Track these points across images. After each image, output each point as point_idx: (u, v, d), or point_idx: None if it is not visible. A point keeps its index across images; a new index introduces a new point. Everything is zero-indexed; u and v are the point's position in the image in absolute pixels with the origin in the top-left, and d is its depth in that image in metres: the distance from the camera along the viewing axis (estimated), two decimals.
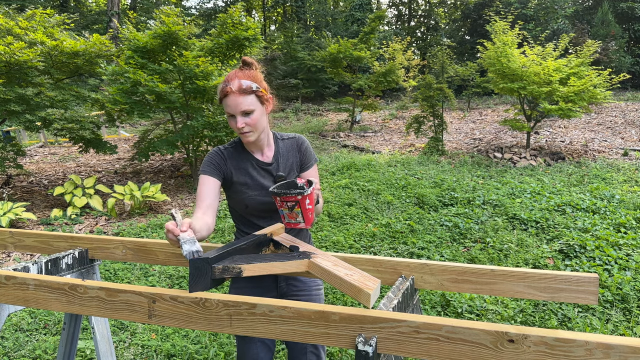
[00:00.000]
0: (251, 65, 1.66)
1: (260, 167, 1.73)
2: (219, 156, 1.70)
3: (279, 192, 1.47)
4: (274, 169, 1.73)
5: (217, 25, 7.23)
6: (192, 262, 1.25)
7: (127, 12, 22.68)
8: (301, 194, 1.44)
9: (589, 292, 1.39)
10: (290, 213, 1.48)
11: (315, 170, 1.82)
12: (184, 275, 4.02)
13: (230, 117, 1.62)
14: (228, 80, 1.60)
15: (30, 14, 6.71)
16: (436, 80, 9.75)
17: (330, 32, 22.72)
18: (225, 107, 1.62)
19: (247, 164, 1.72)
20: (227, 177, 1.71)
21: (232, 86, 1.57)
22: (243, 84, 1.58)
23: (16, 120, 6.42)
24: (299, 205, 1.46)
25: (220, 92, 1.61)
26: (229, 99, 1.58)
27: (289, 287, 1.80)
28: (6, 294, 1.37)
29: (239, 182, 1.71)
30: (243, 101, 1.58)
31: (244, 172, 1.71)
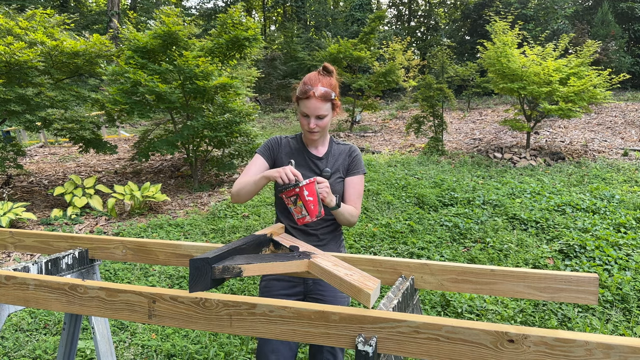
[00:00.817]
0: (331, 73, 1.80)
1: (310, 158, 1.87)
2: (276, 142, 1.88)
3: (281, 188, 1.59)
4: (323, 164, 1.87)
5: (217, 25, 7.23)
6: (192, 262, 1.25)
7: (127, 12, 22.69)
8: (297, 185, 1.54)
9: (589, 292, 1.38)
10: (296, 207, 1.59)
11: (360, 180, 1.91)
12: (184, 275, 4.02)
13: (305, 116, 1.77)
14: (311, 83, 1.73)
15: (30, 14, 6.71)
16: (436, 80, 9.75)
17: (330, 32, 22.72)
18: (302, 107, 1.76)
19: (299, 153, 1.87)
20: (277, 161, 1.86)
21: (315, 91, 1.71)
22: (325, 91, 1.73)
23: (16, 120, 6.42)
24: (300, 197, 1.55)
25: (301, 92, 1.74)
26: (310, 102, 1.72)
27: (315, 286, 1.87)
28: (6, 294, 1.37)
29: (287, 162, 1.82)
30: (321, 107, 1.73)
31: (295, 159, 1.84)
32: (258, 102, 18.89)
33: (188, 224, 5.32)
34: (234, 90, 6.91)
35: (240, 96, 7.31)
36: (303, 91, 1.73)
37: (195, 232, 5.10)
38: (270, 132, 13.07)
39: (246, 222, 5.31)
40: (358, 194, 1.89)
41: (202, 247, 1.72)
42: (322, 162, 1.86)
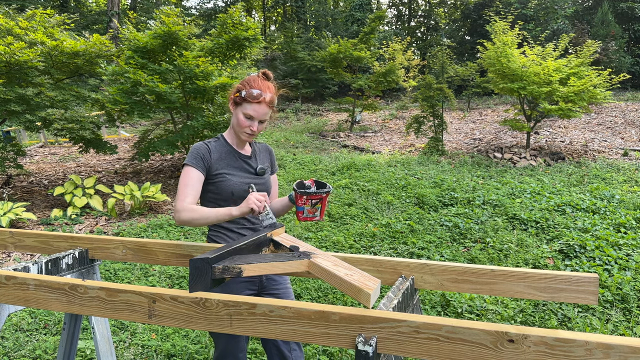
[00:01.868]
0: (270, 79, 1.87)
1: (241, 158, 1.90)
2: (205, 149, 1.82)
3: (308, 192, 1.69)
4: (253, 162, 1.93)
5: (217, 25, 7.23)
6: (192, 262, 1.25)
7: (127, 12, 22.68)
8: (328, 192, 1.72)
9: (589, 292, 1.39)
10: (311, 209, 1.72)
11: (276, 177, 2.09)
12: (184, 275, 4.02)
13: (249, 117, 1.80)
14: (261, 88, 1.78)
15: (30, 14, 6.71)
16: (436, 80, 9.75)
17: (330, 32, 22.72)
18: (249, 109, 1.78)
19: (230, 155, 1.88)
20: (211, 168, 1.82)
21: (265, 97, 1.78)
22: (273, 98, 1.81)
23: (16, 120, 6.42)
24: (322, 202, 1.72)
25: (251, 95, 1.76)
26: (260, 106, 1.77)
27: (269, 282, 1.94)
28: (6, 294, 1.37)
29: (224, 171, 1.83)
30: (267, 112, 1.81)
31: (228, 162, 1.86)
32: None
33: None
34: None
35: None
36: (254, 95, 1.75)
37: (195, 232, 5.10)
38: (270, 132, 13.07)
39: None
40: (277, 190, 2.07)
41: (202, 247, 1.72)
42: (252, 160, 1.92)
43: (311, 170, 7.86)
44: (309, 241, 4.68)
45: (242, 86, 1.81)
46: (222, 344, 1.84)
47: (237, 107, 1.83)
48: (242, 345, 1.87)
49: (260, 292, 1.92)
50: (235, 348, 1.85)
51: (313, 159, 8.73)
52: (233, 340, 1.83)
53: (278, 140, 11.65)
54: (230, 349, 1.84)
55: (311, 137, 12.44)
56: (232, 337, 1.83)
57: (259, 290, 1.91)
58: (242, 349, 1.87)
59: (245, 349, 1.90)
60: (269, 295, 1.93)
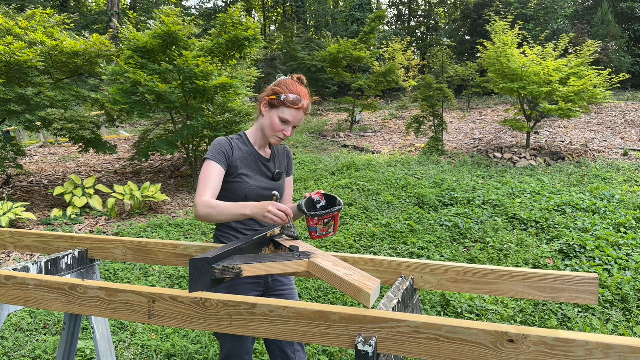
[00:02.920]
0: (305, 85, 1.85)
1: (261, 161, 1.87)
2: (228, 146, 1.79)
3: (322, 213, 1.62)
4: (272, 166, 1.90)
5: (217, 25, 7.23)
6: (192, 262, 1.25)
7: (127, 12, 22.68)
8: (340, 209, 1.64)
9: (589, 292, 1.39)
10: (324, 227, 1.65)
11: (292, 180, 2.05)
12: (184, 275, 4.02)
13: (284, 122, 1.76)
14: (301, 95, 1.77)
15: (30, 14, 6.70)
16: (436, 80, 9.75)
17: (330, 32, 22.72)
18: (287, 113, 1.75)
19: (251, 156, 1.84)
20: (232, 166, 1.78)
21: (304, 104, 1.77)
22: (309, 106, 1.80)
23: (16, 120, 6.42)
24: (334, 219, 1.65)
25: (290, 101, 1.74)
26: (298, 112, 1.76)
27: (274, 283, 1.91)
28: (6, 294, 1.37)
29: (243, 173, 1.79)
30: (302, 119, 1.80)
31: (248, 164, 1.82)
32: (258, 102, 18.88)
33: (188, 224, 5.32)
34: (234, 90, 6.91)
35: (240, 96, 7.31)
36: (294, 101, 1.73)
37: (195, 232, 5.10)
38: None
39: None
40: (291, 193, 2.04)
41: (202, 247, 1.72)
42: (271, 163, 1.89)
43: (311, 170, 7.86)
44: (309, 241, 4.68)
45: (279, 89, 1.76)
46: (228, 346, 1.82)
47: (272, 110, 1.77)
48: (248, 347, 1.85)
49: (266, 293, 1.90)
50: (241, 350, 1.83)
51: (313, 158, 8.73)
52: (239, 341, 1.81)
53: None
54: (236, 350, 1.82)
55: (311, 137, 12.44)
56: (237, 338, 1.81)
57: (265, 291, 1.90)
58: (248, 351, 1.85)
59: (251, 351, 1.88)
60: (274, 296, 1.91)
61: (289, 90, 1.75)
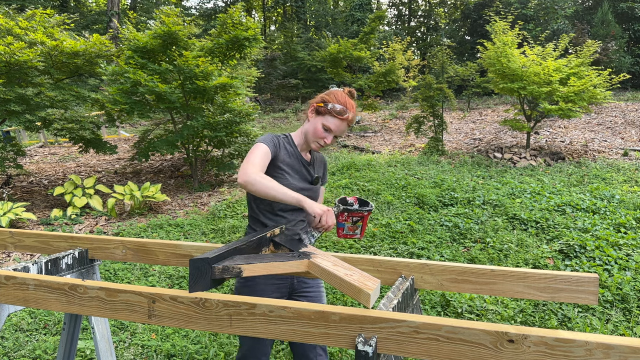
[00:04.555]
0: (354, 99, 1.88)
1: (303, 163, 1.92)
2: (277, 140, 1.87)
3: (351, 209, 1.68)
4: (312, 170, 1.95)
5: (217, 25, 7.23)
6: (192, 262, 1.25)
7: (127, 12, 22.69)
8: (370, 211, 1.69)
9: (589, 292, 1.38)
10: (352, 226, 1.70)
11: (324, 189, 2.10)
12: (184, 275, 4.02)
13: (327, 130, 1.81)
14: (347, 106, 1.81)
15: (30, 14, 6.70)
16: (436, 80, 9.75)
17: (330, 32, 22.73)
18: (331, 122, 1.80)
19: (294, 157, 1.90)
20: (277, 157, 1.83)
21: (350, 116, 1.81)
22: (354, 118, 1.83)
23: (16, 120, 6.42)
24: (363, 220, 1.69)
25: (336, 111, 1.78)
26: (342, 123, 1.80)
27: (300, 284, 1.92)
28: (6, 294, 1.37)
29: (285, 166, 1.84)
30: (345, 130, 1.85)
31: (291, 163, 1.88)
32: (258, 102, 18.89)
33: (188, 224, 5.32)
34: (234, 90, 6.91)
35: (240, 96, 7.31)
36: (339, 111, 1.78)
37: (195, 232, 5.10)
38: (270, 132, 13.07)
39: (246, 222, 5.31)
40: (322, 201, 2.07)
41: (202, 247, 1.72)
42: (311, 168, 1.93)
43: None
44: None
45: (328, 98, 1.82)
46: (247, 345, 1.84)
47: (317, 117, 1.82)
48: (267, 349, 1.86)
49: (292, 294, 1.90)
50: (259, 351, 1.84)
51: None
52: (258, 342, 1.82)
53: None
54: (254, 351, 1.83)
55: None
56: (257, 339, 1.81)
57: (290, 292, 1.89)
58: (266, 352, 1.86)
59: (269, 353, 1.88)
60: (300, 298, 1.91)
61: (337, 100, 1.80)
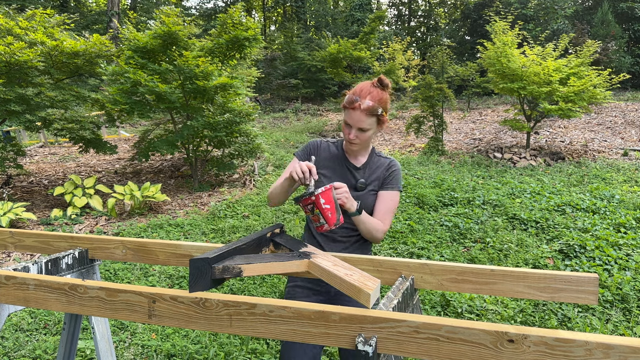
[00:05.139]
0: (386, 87, 1.72)
1: (348, 167, 1.84)
2: (314, 146, 1.87)
3: (297, 197, 1.57)
4: (360, 174, 1.83)
5: (217, 25, 7.23)
6: (192, 262, 1.25)
7: (127, 12, 22.69)
8: (312, 193, 1.50)
9: (589, 292, 1.38)
10: (314, 215, 1.54)
11: (392, 195, 1.83)
12: (184, 275, 4.02)
13: (347, 124, 1.73)
14: (360, 94, 1.67)
15: (30, 14, 6.70)
16: (436, 80, 9.76)
17: (330, 32, 22.74)
18: (346, 116, 1.72)
19: (337, 160, 1.85)
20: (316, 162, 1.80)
21: (361, 103, 1.66)
22: (371, 105, 1.66)
23: (16, 120, 6.42)
24: (316, 206, 1.51)
25: (347, 101, 1.69)
26: (355, 113, 1.68)
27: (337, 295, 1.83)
28: (6, 294, 1.37)
29: (323, 172, 1.81)
30: (365, 120, 1.68)
31: (332, 166, 1.83)
32: (258, 102, 18.90)
33: (188, 224, 5.32)
34: (234, 90, 6.91)
35: (240, 96, 7.31)
36: (350, 100, 1.68)
37: (195, 232, 5.10)
38: (270, 132, 13.07)
39: (246, 222, 5.30)
40: (388, 209, 1.81)
41: (202, 247, 1.72)
42: (359, 172, 1.82)
43: None
44: None
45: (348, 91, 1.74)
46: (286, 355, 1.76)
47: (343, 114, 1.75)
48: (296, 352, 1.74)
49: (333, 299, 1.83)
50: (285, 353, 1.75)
51: None
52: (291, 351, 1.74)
53: (278, 140, 11.65)
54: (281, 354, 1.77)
55: (311, 137, 12.43)
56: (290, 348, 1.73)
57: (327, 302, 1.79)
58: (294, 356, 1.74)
59: None
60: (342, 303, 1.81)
61: (353, 91, 1.71)
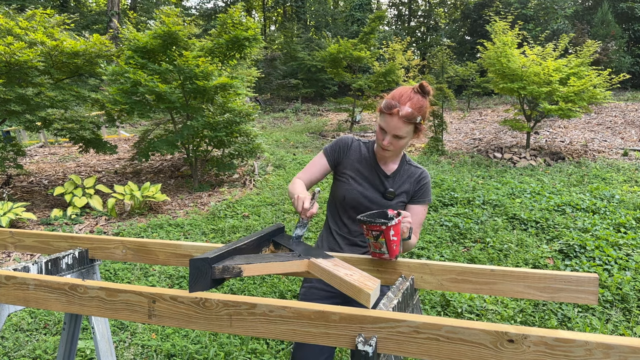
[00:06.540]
0: (427, 94, 1.65)
1: (378, 172, 1.77)
2: (345, 144, 1.80)
3: (365, 219, 1.45)
4: (389, 183, 1.76)
5: (217, 25, 7.23)
6: (192, 262, 1.25)
7: (127, 12, 22.69)
8: (385, 224, 1.41)
9: (588, 292, 1.39)
10: (375, 242, 1.46)
11: (424, 209, 1.79)
12: (184, 275, 4.02)
13: (382, 130, 1.66)
14: (400, 100, 1.60)
15: (30, 14, 6.70)
16: (436, 80, 9.76)
17: (330, 32, 22.73)
18: (382, 121, 1.65)
19: (367, 163, 1.78)
20: (339, 164, 1.79)
21: (400, 110, 1.59)
22: (410, 112, 1.59)
23: (16, 120, 6.41)
24: (384, 235, 1.43)
25: (386, 106, 1.62)
26: (392, 119, 1.60)
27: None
28: (6, 294, 1.37)
29: (350, 175, 1.77)
30: (401, 127, 1.61)
31: (360, 168, 1.77)
32: (258, 102, 18.90)
33: (188, 224, 5.32)
34: (234, 90, 6.91)
35: (240, 96, 7.31)
36: (388, 106, 1.60)
37: (195, 232, 5.10)
38: (270, 132, 13.06)
39: (246, 222, 5.31)
40: (419, 222, 1.77)
41: (202, 247, 1.72)
42: (389, 181, 1.75)
43: None
44: (309, 241, 4.68)
45: (386, 95, 1.67)
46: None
47: (378, 118, 1.68)
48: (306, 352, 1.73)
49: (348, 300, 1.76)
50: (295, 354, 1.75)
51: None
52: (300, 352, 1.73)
53: (278, 140, 11.65)
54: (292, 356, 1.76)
55: (311, 137, 12.43)
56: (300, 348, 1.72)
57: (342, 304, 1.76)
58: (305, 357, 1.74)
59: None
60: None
61: (392, 96, 1.63)
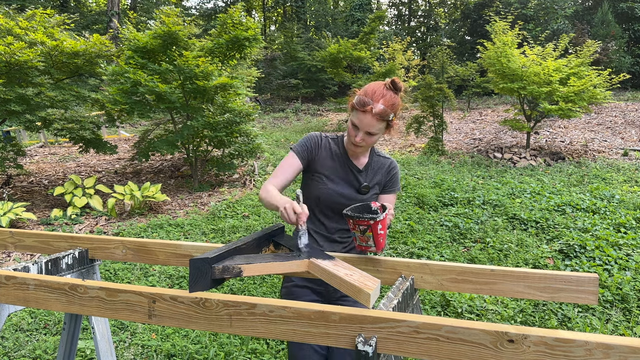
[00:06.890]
0: (398, 90, 1.64)
1: (350, 168, 1.77)
2: (315, 142, 1.77)
3: (352, 215, 1.47)
4: (362, 177, 1.76)
5: (217, 25, 7.23)
6: (192, 262, 1.25)
7: (127, 12, 22.68)
8: (374, 219, 1.43)
9: (589, 292, 1.39)
10: (362, 236, 1.49)
11: (394, 198, 1.84)
12: (184, 275, 4.02)
13: (354, 126, 1.65)
14: (373, 97, 1.60)
15: (30, 14, 6.70)
16: (436, 80, 9.75)
17: (330, 32, 22.73)
18: (355, 117, 1.64)
19: (339, 160, 1.77)
20: (311, 163, 1.75)
21: (374, 107, 1.59)
22: (383, 110, 1.59)
23: (16, 120, 6.41)
24: (371, 229, 1.45)
25: (358, 103, 1.61)
26: (365, 116, 1.60)
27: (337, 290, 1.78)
28: (6, 294, 1.37)
29: (324, 173, 1.74)
30: (375, 125, 1.61)
31: (334, 167, 1.75)
32: (258, 102, 18.89)
33: (188, 224, 5.32)
34: (234, 90, 6.91)
35: (240, 96, 7.31)
36: (361, 102, 1.60)
37: (195, 232, 5.10)
38: (270, 132, 13.06)
39: (246, 222, 5.30)
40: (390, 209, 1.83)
41: (202, 247, 1.72)
42: (362, 175, 1.77)
43: None
44: None
45: (359, 91, 1.66)
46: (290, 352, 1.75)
47: (350, 114, 1.68)
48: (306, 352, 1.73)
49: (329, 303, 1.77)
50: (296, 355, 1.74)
51: None
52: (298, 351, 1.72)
53: (278, 140, 11.64)
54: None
55: None
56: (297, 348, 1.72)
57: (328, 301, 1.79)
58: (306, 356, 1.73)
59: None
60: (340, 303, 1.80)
61: (364, 92, 1.63)
